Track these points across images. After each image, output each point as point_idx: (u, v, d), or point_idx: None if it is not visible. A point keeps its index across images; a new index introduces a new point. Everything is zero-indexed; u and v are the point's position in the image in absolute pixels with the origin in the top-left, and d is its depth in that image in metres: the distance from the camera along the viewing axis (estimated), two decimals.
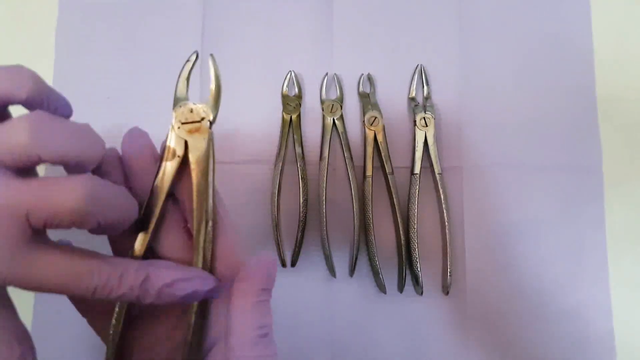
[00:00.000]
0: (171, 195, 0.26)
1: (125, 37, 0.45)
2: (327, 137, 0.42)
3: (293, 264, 0.41)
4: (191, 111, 0.26)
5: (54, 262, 0.20)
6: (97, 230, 0.21)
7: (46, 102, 0.22)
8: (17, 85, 0.21)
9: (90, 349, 0.28)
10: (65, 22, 0.45)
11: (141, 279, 0.22)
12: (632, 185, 0.43)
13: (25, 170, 0.21)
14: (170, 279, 0.23)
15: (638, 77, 0.44)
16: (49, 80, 0.44)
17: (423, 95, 0.43)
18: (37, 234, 0.20)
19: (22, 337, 0.22)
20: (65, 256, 0.21)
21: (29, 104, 0.22)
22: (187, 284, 0.23)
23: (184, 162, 0.26)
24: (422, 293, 0.40)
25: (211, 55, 0.27)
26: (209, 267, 0.25)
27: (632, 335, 0.41)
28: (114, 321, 0.25)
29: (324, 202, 0.40)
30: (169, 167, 0.25)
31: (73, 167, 0.21)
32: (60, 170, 0.22)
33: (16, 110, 0.22)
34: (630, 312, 0.41)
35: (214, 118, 0.26)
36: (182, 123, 0.26)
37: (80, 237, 0.24)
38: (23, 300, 0.40)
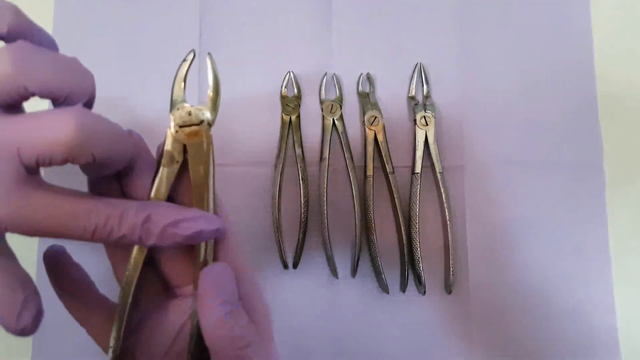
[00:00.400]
0: (171, 200, 0.25)
1: (121, 39, 0.44)
2: (327, 138, 0.42)
3: (295, 266, 0.41)
4: (189, 114, 0.25)
5: (52, 202, 0.19)
6: (92, 167, 0.20)
7: (29, 37, 0.21)
8: None
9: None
10: (60, 24, 0.44)
11: (142, 218, 0.21)
12: (634, 182, 0.43)
13: (12, 107, 0.20)
14: (173, 218, 0.22)
15: (638, 74, 0.44)
16: None
17: (423, 94, 0.43)
18: (30, 173, 0.20)
19: (25, 282, 0.21)
20: (63, 196, 0.20)
21: (10, 39, 0.21)
22: (192, 224, 0.22)
23: (183, 167, 0.25)
24: (424, 292, 0.40)
25: (209, 54, 0.26)
26: None
27: (635, 332, 0.41)
28: (114, 332, 0.24)
29: (325, 203, 0.40)
30: (168, 173, 0.24)
31: (62, 102, 0.20)
32: None
33: None
34: (634, 310, 0.41)
35: (214, 120, 0.25)
36: (180, 126, 0.25)
37: None
38: None
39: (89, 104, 0.23)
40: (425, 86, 0.43)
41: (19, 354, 0.40)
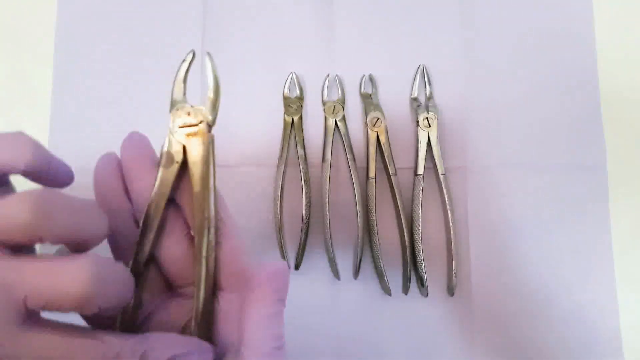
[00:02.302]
0: (172, 201, 0.25)
1: (125, 42, 0.44)
2: (330, 139, 0.41)
3: (297, 267, 0.40)
4: (189, 114, 0.25)
5: (48, 342, 0.20)
6: (91, 315, 0.21)
7: (46, 171, 0.22)
8: (16, 154, 0.20)
9: None
10: (64, 27, 0.45)
11: (138, 356, 0.21)
12: (637, 185, 0.43)
13: (22, 248, 0.20)
14: (168, 355, 0.22)
15: None
16: (49, 85, 0.44)
17: (425, 95, 0.43)
18: (31, 313, 0.20)
19: None
20: (59, 335, 0.20)
21: (27, 174, 0.21)
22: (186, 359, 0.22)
23: (184, 167, 0.25)
24: (427, 294, 0.40)
25: (208, 54, 0.26)
26: (212, 275, 0.25)
27: (638, 335, 0.41)
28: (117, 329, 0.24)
29: (327, 204, 0.40)
30: (168, 173, 0.24)
31: (75, 246, 0.21)
32: None
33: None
34: (637, 312, 0.41)
35: (213, 120, 0.25)
36: (180, 127, 0.25)
37: None
38: None
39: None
40: (427, 87, 0.43)
41: None
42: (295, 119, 0.42)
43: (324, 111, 0.42)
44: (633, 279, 0.41)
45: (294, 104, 0.42)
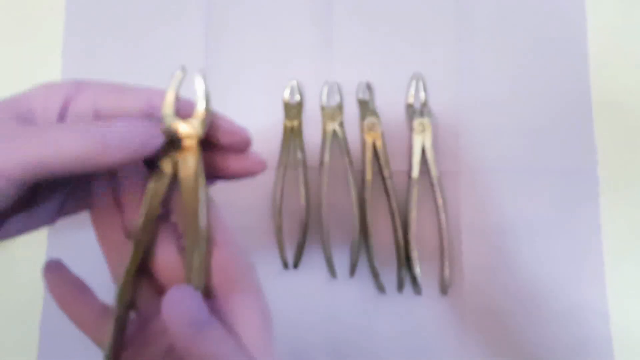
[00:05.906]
0: (164, 213, 0.25)
1: (129, 49, 0.46)
2: (328, 143, 0.43)
3: (295, 266, 0.42)
4: (178, 128, 0.24)
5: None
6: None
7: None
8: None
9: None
10: (72, 32, 0.46)
11: None
12: (628, 188, 0.43)
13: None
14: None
15: (633, 81, 0.45)
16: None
17: (420, 101, 0.44)
18: None
19: None
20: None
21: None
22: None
23: (174, 181, 0.25)
24: (420, 293, 0.41)
25: (200, 72, 0.25)
26: (204, 287, 0.24)
27: (629, 337, 0.41)
28: (109, 339, 0.24)
29: (325, 206, 0.41)
30: (159, 187, 0.25)
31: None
32: None
33: None
34: (628, 314, 0.41)
35: (203, 134, 0.25)
36: (170, 140, 0.24)
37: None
38: (29, 317, 0.41)
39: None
40: (422, 94, 0.44)
41: (26, 352, 0.41)
42: (295, 124, 0.44)
43: (323, 117, 0.44)
44: (623, 281, 0.42)
45: (293, 110, 0.44)
